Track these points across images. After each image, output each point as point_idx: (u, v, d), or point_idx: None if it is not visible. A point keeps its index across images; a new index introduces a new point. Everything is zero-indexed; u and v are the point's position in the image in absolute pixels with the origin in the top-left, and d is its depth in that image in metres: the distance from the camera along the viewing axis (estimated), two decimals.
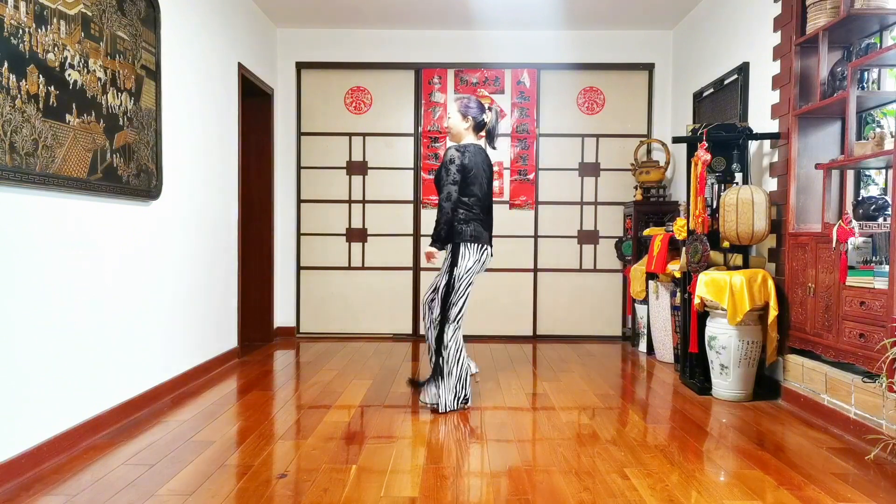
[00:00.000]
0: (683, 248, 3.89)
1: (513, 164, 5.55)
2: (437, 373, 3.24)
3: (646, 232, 4.92)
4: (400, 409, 3.30)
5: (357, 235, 5.63)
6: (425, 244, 5.57)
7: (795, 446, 2.76)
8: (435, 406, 3.24)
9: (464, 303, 3.24)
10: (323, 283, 5.65)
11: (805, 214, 3.44)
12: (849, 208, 3.17)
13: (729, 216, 3.47)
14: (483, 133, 3.41)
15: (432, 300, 3.32)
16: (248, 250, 5.18)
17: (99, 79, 2.83)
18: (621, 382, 4.01)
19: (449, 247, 3.24)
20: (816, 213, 3.40)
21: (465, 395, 3.28)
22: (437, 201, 5.50)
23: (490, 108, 3.39)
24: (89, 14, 2.76)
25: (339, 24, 5.43)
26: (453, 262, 3.21)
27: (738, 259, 3.67)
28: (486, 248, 3.28)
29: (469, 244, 3.22)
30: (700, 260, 3.63)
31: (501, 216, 5.50)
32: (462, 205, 3.24)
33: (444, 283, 3.23)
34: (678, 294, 4.20)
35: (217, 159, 4.25)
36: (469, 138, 3.38)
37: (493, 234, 5.22)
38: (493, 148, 3.46)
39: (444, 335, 3.23)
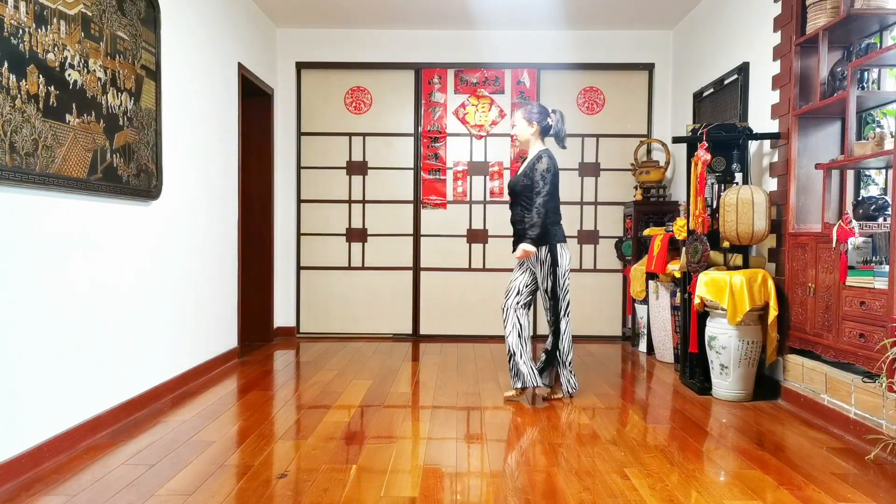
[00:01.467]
0: (683, 248, 3.89)
1: (513, 163, 5.54)
2: (556, 363, 3.49)
3: (646, 232, 4.92)
4: (400, 409, 3.30)
5: (357, 235, 5.64)
6: (427, 244, 5.58)
7: (795, 446, 2.76)
8: (569, 394, 3.51)
9: (569, 296, 3.49)
10: (323, 283, 5.65)
11: (805, 214, 3.44)
12: (849, 208, 3.17)
13: (729, 216, 3.47)
14: (548, 137, 3.58)
15: (519, 303, 3.52)
16: (248, 250, 5.18)
17: (99, 79, 2.83)
18: (621, 382, 4.01)
19: (545, 248, 3.41)
20: (816, 213, 3.40)
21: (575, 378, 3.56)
22: (437, 202, 5.57)
23: (554, 112, 3.53)
24: (89, 14, 2.76)
25: (339, 24, 5.43)
26: (554, 262, 3.41)
27: (738, 259, 3.67)
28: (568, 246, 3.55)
29: (562, 244, 3.45)
30: (700, 260, 3.63)
31: (502, 215, 5.50)
32: (552, 209, 3.44)
33: (550, 283, 3.42)
34: (678, 294, 4.20)
35: (217, 159, 4.25)
36: (537, 144, 3.54)
37: (496, 233, 5.68)
38: (563, 148, 3.64)
39: (560, 330, 3.45)
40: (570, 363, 3.49)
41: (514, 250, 3.52)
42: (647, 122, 5.59)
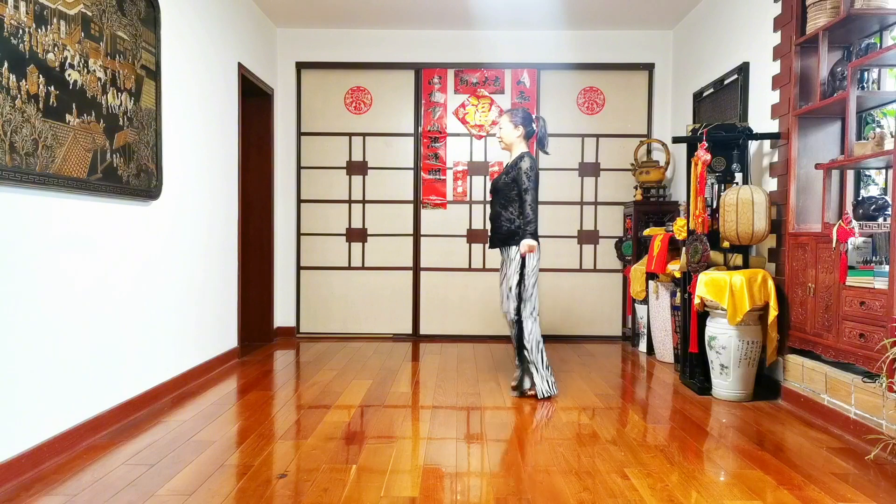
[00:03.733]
0: (683, 248, 3.89)
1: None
2: (525, 363, 3.55)
3: (646, 232, 4.92)
4: (400, 409, 3.30)
5: (357, 235, 5.64)
6: (427, 244, 5.58)
7: (795, 446, 2.76)
8: (533, 393, 3.55)
9: (536, 297, 3.53)
10: (323, 283, 5.65)
11: (805, 214, 3.44)
12: (849, 208, 3.17)
13: (729, 216, 3.47)
14: (532, 141, 3.68)
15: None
16: (248, 250, 5.18)
17: (99, 79, 2.83)
18: (621, 382, 4.01)
19: (514, 249, 3.50)
20: (816, 213, 3.40)
21: (553, 380, 3.57)
22: (437, 202, 5.57)
23: (538, 118, 3.66)
24: (89, 14, 2.76)
25: (339, 24, 5.43)
26: (522, 263, 3.48)
27: (738, 259, 3.67)
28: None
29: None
30: (700, 260, 3.63)
31: None
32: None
33: (515, 282, 3.50)
34: (678, 294, 4.20)
35: (217, 159, 4.25)
36: (521, 147, 3.64)
37: None
38: (546, 153, 3.75)
39: (524, 330, 3.50)
40: (545, 365, 3.50)
41: (491, 246, 3.69)
42: (647, 122, 5.59)
